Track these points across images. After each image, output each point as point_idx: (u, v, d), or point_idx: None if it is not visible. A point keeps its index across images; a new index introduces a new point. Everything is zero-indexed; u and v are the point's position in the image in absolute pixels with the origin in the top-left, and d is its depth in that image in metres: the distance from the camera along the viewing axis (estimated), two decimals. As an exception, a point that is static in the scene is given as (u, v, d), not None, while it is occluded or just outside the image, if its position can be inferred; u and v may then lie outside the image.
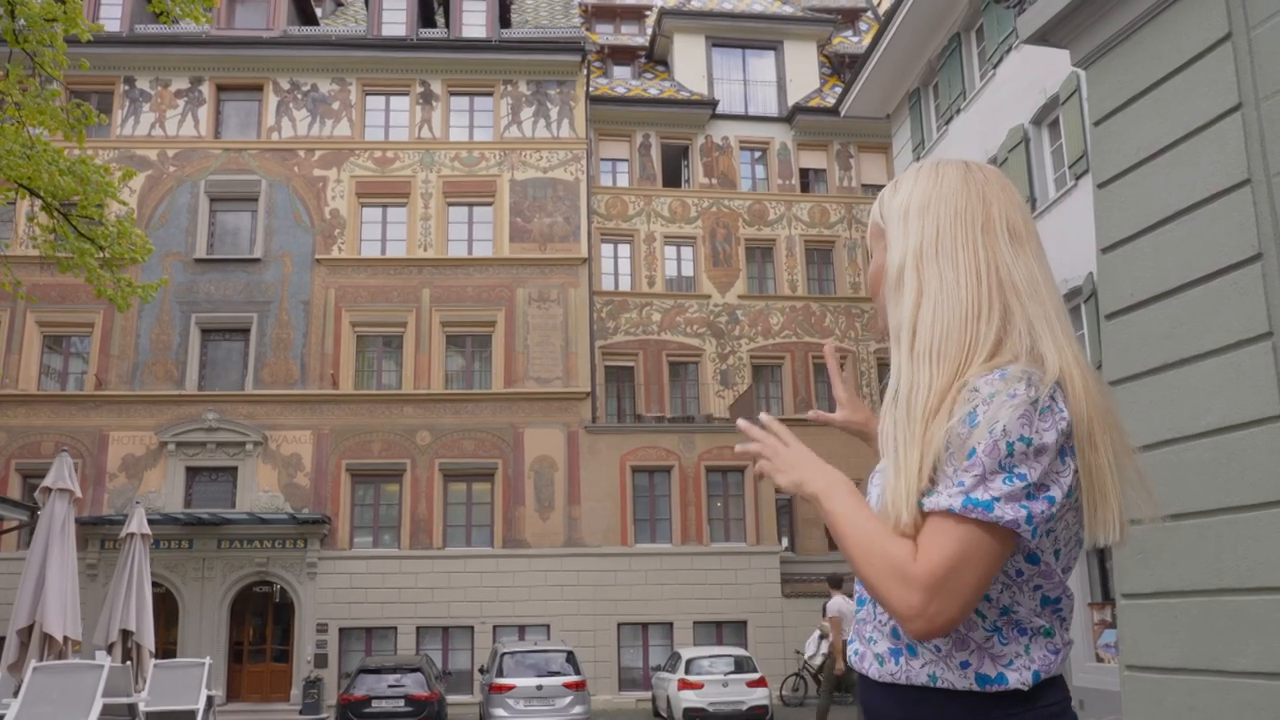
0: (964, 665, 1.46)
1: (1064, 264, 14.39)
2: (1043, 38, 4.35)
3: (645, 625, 22.48)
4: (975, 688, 1.45)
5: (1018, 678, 1.44)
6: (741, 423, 1.59)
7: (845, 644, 9.31)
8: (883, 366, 25.06)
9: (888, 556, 1.40)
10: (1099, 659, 13.95)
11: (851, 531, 1.44)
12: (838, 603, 13.01)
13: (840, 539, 1.46)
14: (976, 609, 1.45)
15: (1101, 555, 12.70)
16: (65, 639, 9.47)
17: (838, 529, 1.46)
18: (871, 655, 1.55)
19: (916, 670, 1.48)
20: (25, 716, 8.56)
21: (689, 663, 18.03)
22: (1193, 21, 3.69)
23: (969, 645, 1.46)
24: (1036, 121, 15.61)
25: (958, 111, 17.96)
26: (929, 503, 1.40)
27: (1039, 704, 1.46)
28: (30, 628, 9.48)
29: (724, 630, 22.64)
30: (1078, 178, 14.03)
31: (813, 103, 26.82)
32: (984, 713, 1.45)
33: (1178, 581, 3.64)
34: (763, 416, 1.62)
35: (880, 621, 1.54)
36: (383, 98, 24.90)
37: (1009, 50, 15.98)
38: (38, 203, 11.01)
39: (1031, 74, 15.28)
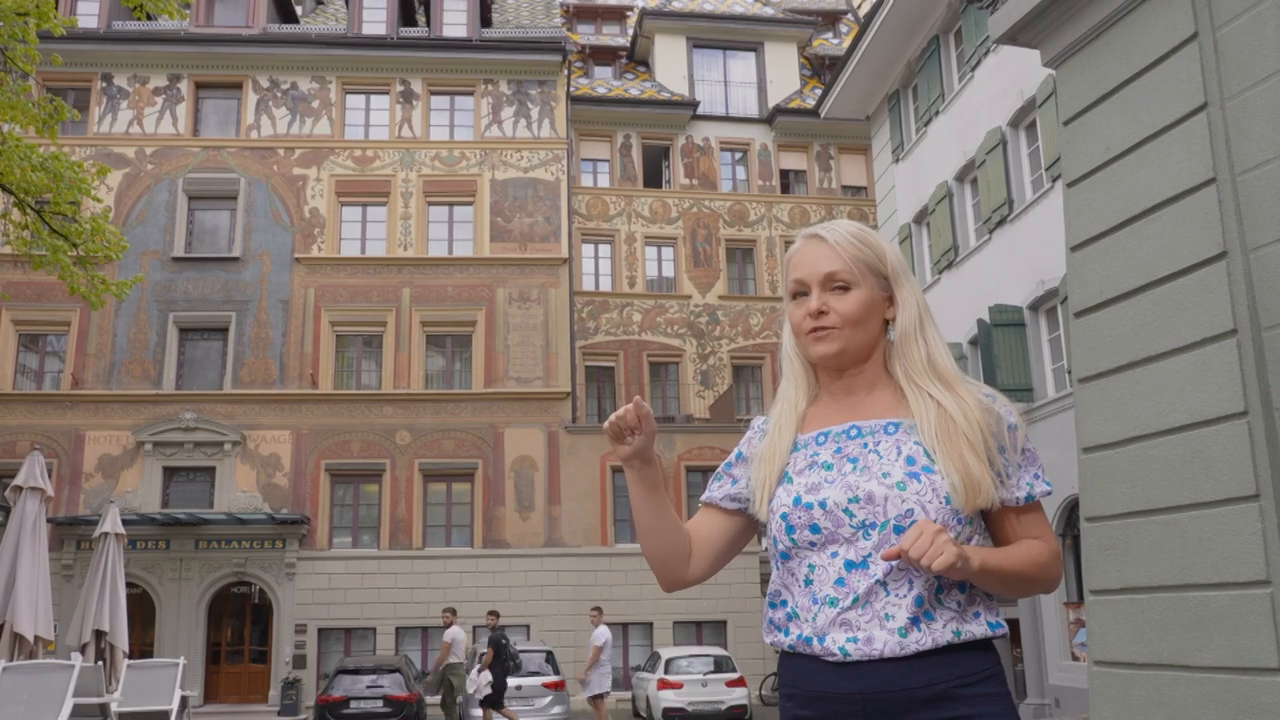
0: (977, 615, 1.73)
1: (1041, 265, 14.48)
2: (1013, 37, 4.37)
3: (625, 625, 22.47)
4: (989, 633, 1.73)
5: (1001, 621, 1.76)
6: (892, 551, 1.66)
7: (451, 665, 10.21)
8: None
9: (1051, 552, 1.76)
10: (1074, 658, 14.05)
11: (1017, 565, 1.72)
12: (453, 632, 14.84)
13: (1011, 578, 1.72)
14: None
15: (1077, 554, 12.77)
16: (36, 639, 9.38)
17: (1007, 571, 1.71)
18: (886, 634, 1.67)
19: (940, 630, 1.68)
20: (-5, 717, 8.48)
21: (668, 662, 18.05)
22: (1160, 21, 3.71)
23: (977, 598, 1.74)
24: (1014, 124, 15.70)
25: (936, 113, 18.05)
26: (1038, 491, 1.77)
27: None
28: (0, 627, 9.40)
29: (703, 630, 22.67)
30: (1055, 180, 14.11)
31: (793, 104, 26.89)
32: (993, 655, 1.74)
33: (1144, 577, 3.67)
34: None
35: (896, 597, 1.68)
36: (363, 96, 24.81)
37: (987, 53, 16.07)
38: (10, 199, 10.91)
39: (1009, 76, 15.37)
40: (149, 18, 10.36)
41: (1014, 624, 15.26)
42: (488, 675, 14.91)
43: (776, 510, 1.79)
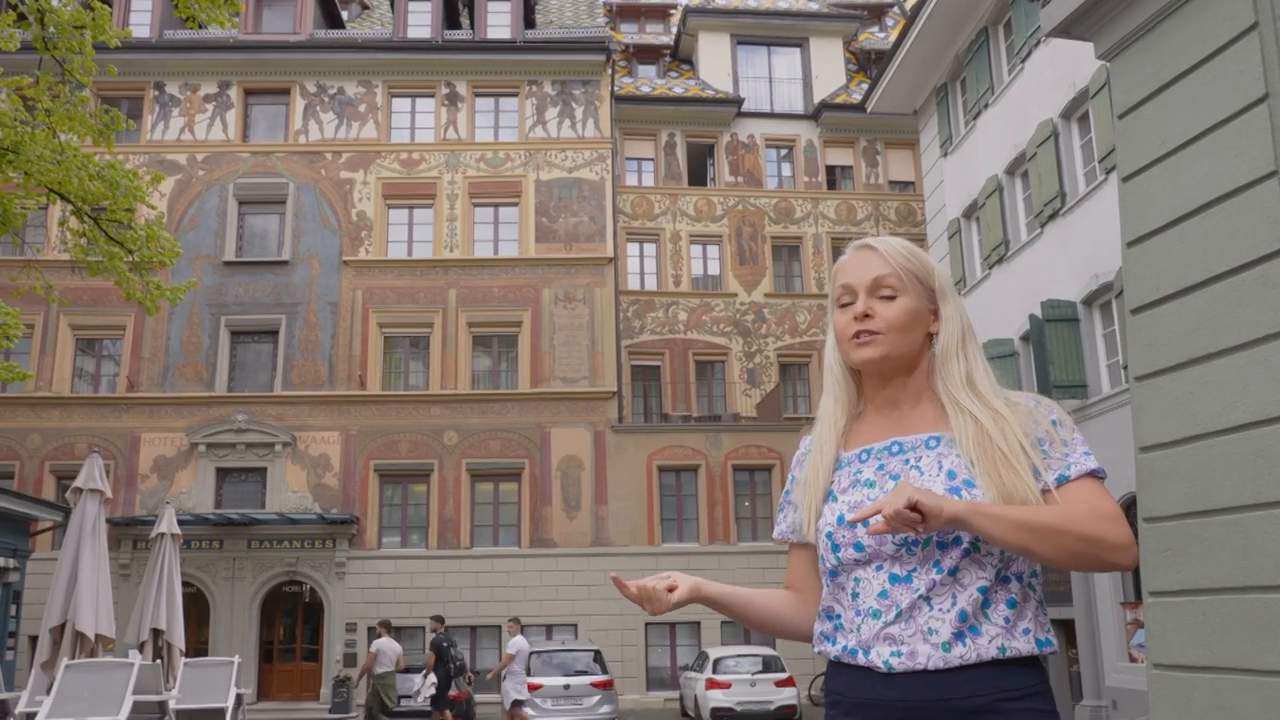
0: (1026, 632, 1.69)
1: (1095, 259, 14.25)
2: (1065, 30, 4.30)
3: (673, 625, 22.46)
4: (1036, 651, 1.69)
5: (1051, 639, 1.72)
6: (872, 526, 1.67)
7: (379, 675, 10.39)
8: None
9: (1093, 511, 1.65)
10: (1132, 659, 13.81)
11: (1033, 517, 1.62)
12: (381, 642, 15.64)
13: (1022, 528, 1.61)
14: (1030, 582, 1.73)
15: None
16: (97, 637, 9.58)
17: (1021, 521, 1.61)
18: (929, 648, 1.67)
19: (985, 646, 1.66)
20: (58, 713, 8.68)
21: (717, 662, 18.00)
22: (1218, 12, 3.63)
23: (1026, 614, 1.70)
24: (1066, 116, 15.46)
25: (985, 106, 17.83)
26: (1075, 470, 1.70)
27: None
28: (62, 626, 9.61)
29: (752, 630, 22.55)
30: (1108, 172, 13.88)
31: (839, 99, 26.70)
32: (1039, 672, 1.71)
33: (1205, 579, 3.59)
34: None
35: (940, 612, 1.67)
36: (408, 99, 25.02)
37: (1037, 44, 15.85)
38: (68, 207, 11.14)
39: (1060, 68, 15.14)
40: (200, 27, 10.54)
41: (1069, 624, 15.03)
42: (432, 678, 15.48)
43: (822, 530, 1.82)
